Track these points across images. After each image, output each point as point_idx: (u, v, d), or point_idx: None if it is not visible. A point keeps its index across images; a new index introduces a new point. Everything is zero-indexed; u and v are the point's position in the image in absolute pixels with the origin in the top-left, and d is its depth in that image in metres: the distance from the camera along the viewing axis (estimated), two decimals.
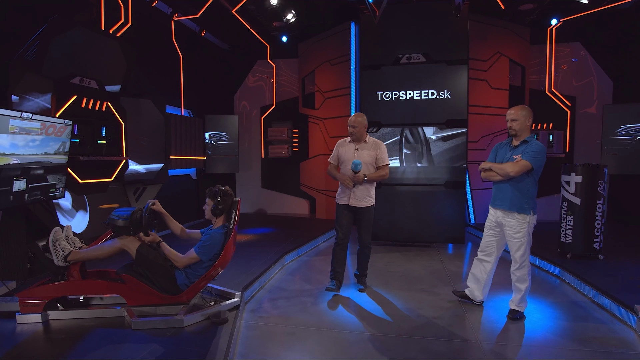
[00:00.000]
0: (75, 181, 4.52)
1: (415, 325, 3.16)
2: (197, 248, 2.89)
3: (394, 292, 3.87)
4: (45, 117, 3.24)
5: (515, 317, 3.22)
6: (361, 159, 3.77)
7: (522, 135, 3.14)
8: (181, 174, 7.35)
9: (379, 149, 3.85)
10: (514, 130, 3.12)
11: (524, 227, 3.11)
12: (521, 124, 3.11)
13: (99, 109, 4.99)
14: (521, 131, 3.12)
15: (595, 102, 7.52)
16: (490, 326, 3.15)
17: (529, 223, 3.12)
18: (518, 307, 3.27)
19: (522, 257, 3.17)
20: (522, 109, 3.13)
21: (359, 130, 3.80)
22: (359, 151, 3.84)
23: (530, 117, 3.12)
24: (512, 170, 3.04)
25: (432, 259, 5.17)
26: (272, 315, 3.32)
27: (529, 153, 3.04)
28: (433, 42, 5.52)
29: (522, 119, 3.10)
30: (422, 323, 3.19)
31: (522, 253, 3.16)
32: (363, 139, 3.85)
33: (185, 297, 2.92)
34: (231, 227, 2.95)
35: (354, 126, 3.80)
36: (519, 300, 3.26)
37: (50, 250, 2.93)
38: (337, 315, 3.35)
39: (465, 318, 3.30)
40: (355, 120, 3.81)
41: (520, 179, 3.08)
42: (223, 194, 3.00)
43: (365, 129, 3.86)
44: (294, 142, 8.56)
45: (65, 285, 2.92)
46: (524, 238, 3.14)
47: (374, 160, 3.83)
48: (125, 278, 2.84)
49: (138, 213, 2.96)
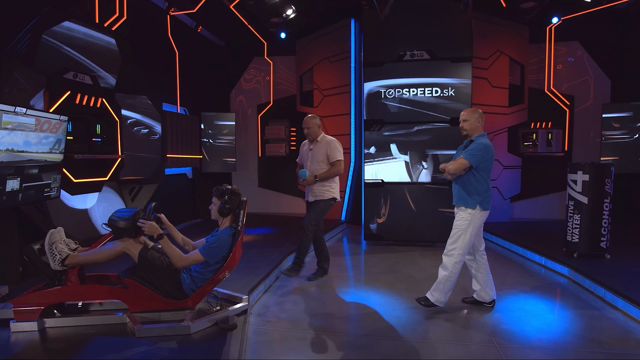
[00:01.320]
0: (69, 180, 4.34)
1: (430, 328, 3.06)
2: (203, 249, 2.74)
3: (401, 294, 3.77)
4: (40, 112, 3.06)
5: (420, 302, 3.34)
6: (314, 158, 4.06)
7: (472, 135, 3.28)
8: (177, 173, 7.17)
9: (329, 146, 4.04)
10: (465, 130, 3.29)
11: (466, 220, 3.23)
12: (471, 124, 3.26)
13: (93, 106, 4.80)
14: (471, 131, 3.27)
15: (591, 101, 7.53)
16: (505, 327, 3.06)
17: (472, 216, 3.21)
18: (429, 294, 3.33)
19: (451, 245, 3.28)
20: (473, 111, 3.30)
21: (312, 131, 4.06)
22: (313, 150, 4.10)
23: (481, 119, 3.28)
24: (451, 168, 3.22)
25: (438, 259, 5.07)
26: (281, 319, 3.19)
27: (468, 151, 3.20)
28: (437, 39, 5.44)
29: (472, 120, 3.26)
30: (437, 326, 3.10)
31: (452, 241, 3.28)
32: (317, 138, 4.07)
33: (191, 302, 2.78)
34: (239, 227, 2.82)
35: (307, 127, 4.06)
36: (433, 289, 3.32)
37: (47, 253, 2.76)
38: (348, 318, 3.23)
39: (479, 320, 3.22)
40: (308, 122, 4.06)
41: (465, 176, 3.23)
42: (231, 193, 2.87)
43: (319, 129, 4.09)
44: (292, 140, 8.42)
45: (63, 290, 2.75)
46: (461, 229, 3.24)
47: (326, 157, 4.03)
48: (128, 283, 2.68)
49: (141, 214, 2.81)
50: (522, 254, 5.26)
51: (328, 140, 4.08)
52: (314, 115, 4.12)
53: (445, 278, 3.27)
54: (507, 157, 7.51)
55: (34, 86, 3.93)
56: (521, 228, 6.48)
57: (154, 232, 2.77)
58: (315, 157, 4.07)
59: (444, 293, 3.30)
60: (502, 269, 4.69)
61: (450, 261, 3.26)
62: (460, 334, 2.97)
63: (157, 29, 6.43)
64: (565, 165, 7.75)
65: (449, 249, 3.28)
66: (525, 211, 7.82)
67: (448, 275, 3.26)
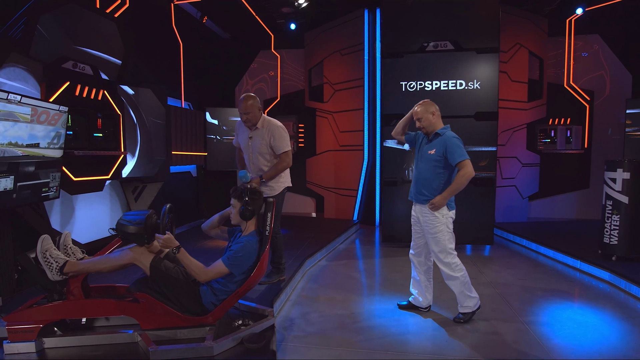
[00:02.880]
0: (68, 179, 3.97)
1: (480, 342, 2.74)
2: (226, 259, 2.40)
3: (435, 302, 3.44)
4: (37, 100, 2.69)
5: (461, 321, 3.05)
6: (255, 148, 3.33)
7: (432, 129, 3.05)
8: (181, 170, 6.80)
9: (273, 135, 3.24)
10: (424, 128, 3.06)
11: (440, 223, 3.04)
12: (428, 121, 3.02)
13: (94, 98, 4.43)
14: (431, 126, 3.04)
15: (605, 95, 7.24)
16: (560, 342, 2.74)
17: (444, 217, 3.03)
18: (462, 308, 3.09)
19: (441, 253, 3.08)
20: (423, 104, 3.06)
21: (252, 116, 3.23)
22: (253, 139, 3.32)
23: (437, 111, 3.05)
24: (459, 186, 2.94)
25: (464, 262, 4.75)
26: (309, 333, 2.85)
27: (452, 150, 2.90)
28: (462, 28, 5.10)
29: (427, 115, 3.02)
30: (488, 338, 2.79)
31: (439, 249, 3.08)
32: (257, 121, 3.27)
33: (212, 317, 2.44)
34: (267, 233, 2.47)
35: (246, 112, 3.21)
36: (461, 302, 3.09)
37: (41, 262, 2.40)
38: (384, 332, 2.90)
39: (529, 332, 2.90)
40: (247, 106, 3.19)
41: (441, 170, 3.02)
42: (251, 193, 2.52)
43: (259, 112, 3.28)
44: (300, 137, 8.07)
45: (65, 305, 2.40)
46: (438, 231, 3.06)
47: (269, 148, 3.27)
48: (140, 297, 2.33)
49: (154, 217, 2.46)
50: (552, 256, 4.95)
51: (272, 128, 3.25)
52: (251, 95, 3.24)
53: (462, 284, 3.02)
54: (526, 155, 7.20)
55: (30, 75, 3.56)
56: (544, 228, 6.17)
57: (170, 246, 2.44)
58: (256, 147, 3.30)
59: (471, 295, 3.05)
60: (535, 273, 4.38)
61: (450, 268, 3.02)
62: (513, 350, 2.65)
63: (160, 19, 6.05)
64: (586, 162, 7.64)
65: (440, 258, 3.02)
66: (543, 210, 7.53)
67: (460, 280, 3.02)
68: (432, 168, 3.00)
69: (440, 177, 2.99)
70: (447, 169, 2.99)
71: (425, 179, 3.02)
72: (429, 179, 3.00)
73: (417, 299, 3.27)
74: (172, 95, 6.33)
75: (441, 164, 2.97)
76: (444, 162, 2.96)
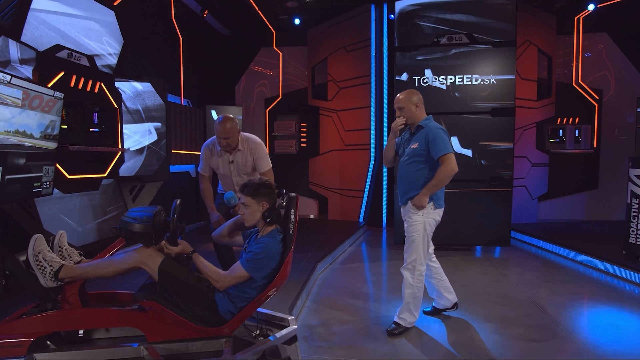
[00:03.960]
0: (62, 176, 3.66)
1: (522, 349, 2.49)
2: (245, 262, 2.11)
3: (463, 306, 3.19)
4: (29, 83, 2.39)
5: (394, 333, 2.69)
6: (240, 170, 3.01)
7: (414, 121, 2.76)
8: (180, 171, 6.49)
9: (256, 153, 2.97)
10: (405, 119, 2.76)
11: (419, 223, 2.73)
12: (411, 112, 2.73)
13: (90, 90, 4.13)
14: (413, 118, 2.75)
15: (610, 94, 7.11)
16: (609, 349, 2.50)
17: (426, 216, 2.72)
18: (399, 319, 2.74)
19: (409, 257, 2.76)
20: (406, 92, 2.79)
21: (233, 140, 2.89)
22: (236, 162, 3.01)
23: (420, 101, 2.77)
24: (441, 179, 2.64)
25: (483, 265, 4.53)
26: (333, 344, 2.58)
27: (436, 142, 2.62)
28: (477, 21, 4.90)
29: (408, 104, 2.73)
30: (530, 346, 2.54)
31: (410, 251, 2.75)
32: (237, 145, 2.96)
33: (229, 328, 2.15)
34: (292, 231, 2.20)
35: (226, 137, 2.84)
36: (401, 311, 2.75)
37: (33, 266, 2.10)
38: (416, 340, 2.63)
39: (570, 338, 2.66)
40: (226, 129, 2.82)
41: (423, 166, 2.74)
42: (267, 187, 2.25)
43: (239, 133, 2.95)
44: (302, 137, 7.81)
45: (59, 316, 2.10)
46: (417, 233, 2.73)
47: (252, 167, 3.00)
48: (148, 305, 2.04)
49: (162, 214, 2.17)
50: (573, 257, 4.74)
51: (252, 146, 2.98)
52: (229, 116, 2.90)
53: (412, 295, 2.69)
54: (535, 154, 7.03)
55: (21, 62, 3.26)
56: (557, 230, 5.97)
57: (185, 251, 2.17)
58: (240, 169, 3.03)
59: (414, 312, 2.72)
60: (559, 275, 4.18)
61: (412, 275, 2.69)
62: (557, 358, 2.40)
63: (160, 11, 5.77)
64: (594, 162, 7.48)
65: (408, 262, 2.71)
66: (552, 212, 7.35)
67: (414, 291, 2.69)
68: (417, 163, 2.70)
69: (429, 172, 2.69)
70: (432, 163, 2.68)
71: (413, 177, 2.71)
72: (416, 176, 2.70)
73: (439, 303, 3.02)
74: (171, 91, 6.04)
75: (425, 158, 2.68)
76: (428, 155, 2.66)
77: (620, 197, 7.21)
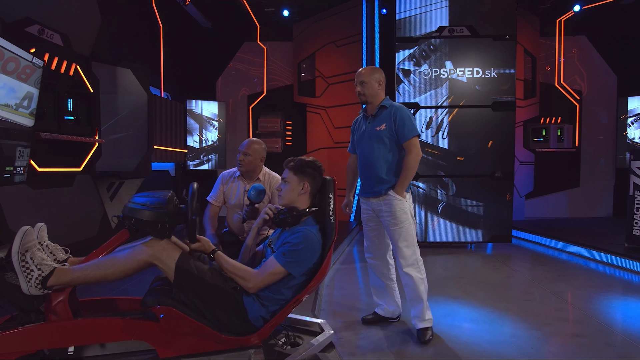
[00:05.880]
0: (31, 168, 3.13)
1: (567, 345, 2.30)
2: (281, 256, 1.77)
3: (487, 302, 2.99)
4: (3, 40, 1.94)
5: (423, 340, 2.36)
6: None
7: (375, 101, 2.49)
8: (159, 169, 5.98)
9: (274, 186, 2.69)
10: (364, 96, 2.47)
11: (405, 212, 2.48)
12: (372, 88, 2.45)
13: (64, 73, 3.64)
14: (373, 96, 2.47)
15: (585, 94, 7.34)
16: None
17: (408, 203, 2.50)
18: (421, 323, 2.42)
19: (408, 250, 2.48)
20: (371, 69, 2.53)
21: (252, 160, 2.63)
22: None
23: (376, 73, 2.48)
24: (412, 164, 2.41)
25: (490, 261, 4.40)
26: (366, 350, 2.28)
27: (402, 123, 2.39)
28: (478, 13, 4.83)
29: (371, 79, 2.45)
30: (575, 341, 2.36)
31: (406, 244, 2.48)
32: (256, 173, 2.71)
33: (258, 337, 1.79)
34: (332, 219, 1.88)
35: (246, 153, 2.62)
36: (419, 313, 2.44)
37: (15, 268, 1.67)
38: (454, 343, 2.38)
39: (612, 331, 2.51)
40: (251, 147, 2.62)
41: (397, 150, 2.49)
42: (314, 168, 1.94)
43: (262, 162, 2.71)
44: (287, 135, 7.48)
45: (45, 329, 1.67)
46: (407, 222, 2.48)
47: (269, 201, 2.71)
48: (163, 312, 1.65)
49: (175, 201, 1.80)
50: (575, 252, 4.72)
51: (272, 180, 2.73)
52: (259, 140, 2.71)
53: (425, 289, 2.42)
54: (523, 153, 7.11)
55: None
56: (549, 226, 6.01)
57: (205, 250, 1.82)
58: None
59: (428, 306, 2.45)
60: (568, 269, 4.13)
61: (419, 269, 2.42)
62: (614, 354, 2.23)
63: None
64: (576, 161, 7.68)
65: (409, 258, 2.40)
66: (537, 209, 7.43)
67: (425, 284, 2.43)
68: (389, 146, 2.43)
69: (400, 154, 2.44)
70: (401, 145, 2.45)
71: (387, 161, 2.43)
72: (390, 159, 2.43)
73: (387, 309, 2.64)
74: (151, 82, 5.56)
75: (395, 139, 2.43)
76: (397, 137, 2.43)
77: (601, 195, 7.43)
